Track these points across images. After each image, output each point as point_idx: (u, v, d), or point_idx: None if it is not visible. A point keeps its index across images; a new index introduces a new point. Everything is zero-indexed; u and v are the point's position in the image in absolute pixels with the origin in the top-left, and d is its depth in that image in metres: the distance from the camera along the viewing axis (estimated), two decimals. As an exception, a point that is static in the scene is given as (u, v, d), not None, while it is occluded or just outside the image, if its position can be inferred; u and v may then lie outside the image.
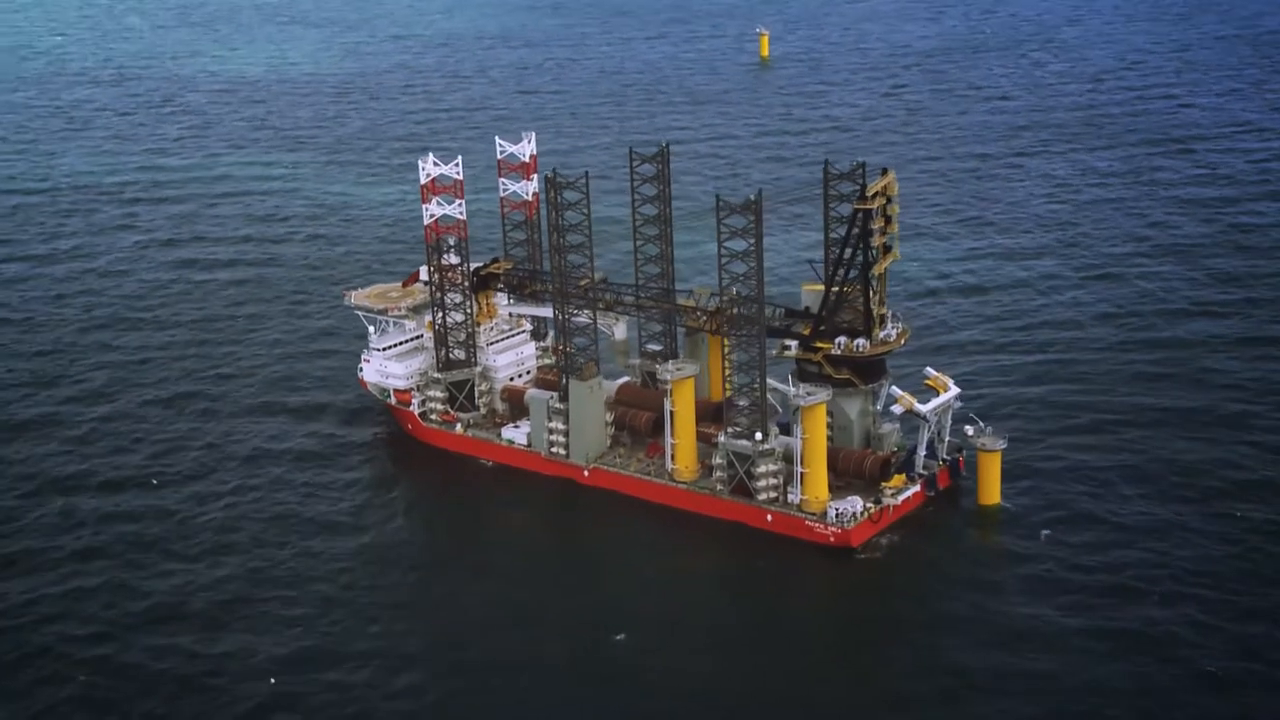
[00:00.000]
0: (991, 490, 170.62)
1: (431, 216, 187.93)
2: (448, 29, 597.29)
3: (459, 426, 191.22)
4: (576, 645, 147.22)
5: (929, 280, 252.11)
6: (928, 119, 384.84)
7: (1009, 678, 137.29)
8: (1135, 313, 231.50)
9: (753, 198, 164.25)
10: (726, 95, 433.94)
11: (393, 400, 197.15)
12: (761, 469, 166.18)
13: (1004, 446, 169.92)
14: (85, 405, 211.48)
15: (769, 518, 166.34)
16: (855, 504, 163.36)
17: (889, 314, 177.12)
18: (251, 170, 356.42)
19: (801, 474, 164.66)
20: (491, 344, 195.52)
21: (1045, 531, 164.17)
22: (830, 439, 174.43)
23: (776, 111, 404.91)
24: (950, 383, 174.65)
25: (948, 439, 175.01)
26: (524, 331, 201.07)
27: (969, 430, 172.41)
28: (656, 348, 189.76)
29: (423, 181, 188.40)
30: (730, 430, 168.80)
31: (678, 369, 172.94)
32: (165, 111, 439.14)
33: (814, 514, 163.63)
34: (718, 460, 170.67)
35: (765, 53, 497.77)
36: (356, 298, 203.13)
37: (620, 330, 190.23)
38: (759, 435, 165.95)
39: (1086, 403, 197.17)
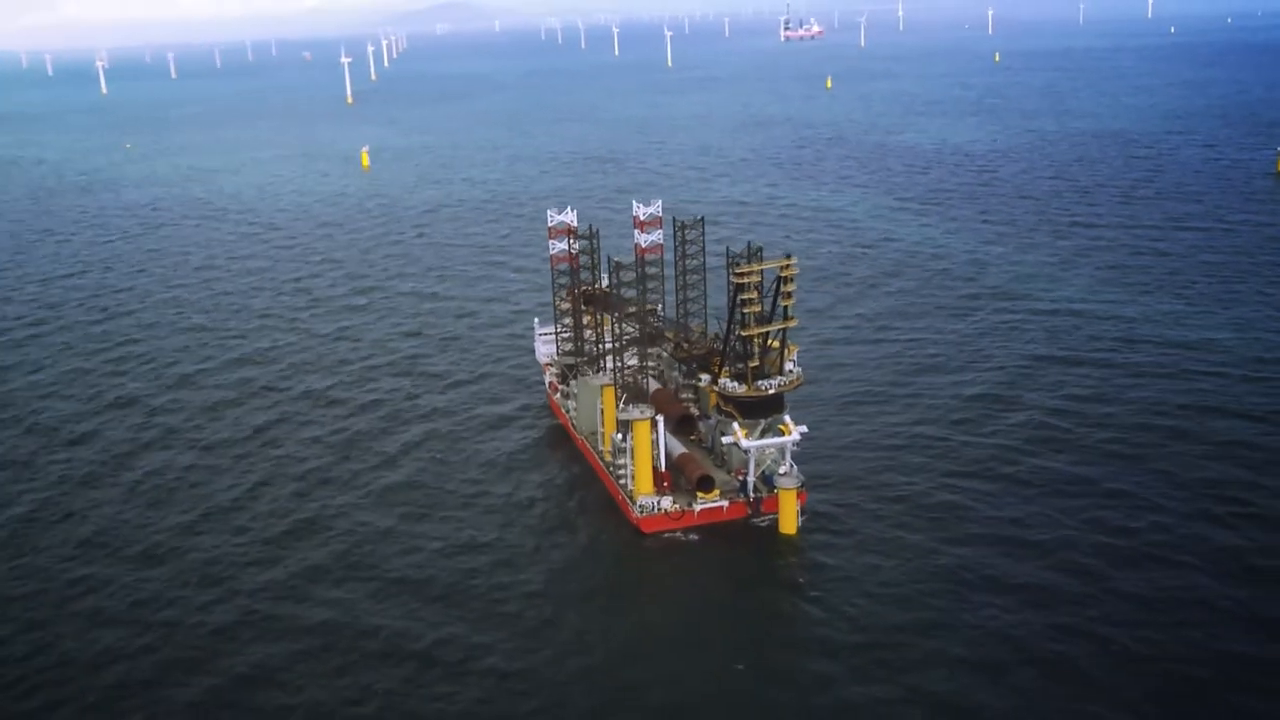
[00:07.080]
0: (788, 521, 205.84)
1: (554, 250, 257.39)
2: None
3: (558, 395, 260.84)
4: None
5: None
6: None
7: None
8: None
9: (613, 262, 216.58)
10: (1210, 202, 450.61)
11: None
12: (620, 461, 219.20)
13: (798, 486, 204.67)
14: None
15: (620, 497, 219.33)
16: (662, 502, 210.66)
17: (787, 365, 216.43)
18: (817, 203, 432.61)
19: (631, 471, 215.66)
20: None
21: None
22: (722, 456, 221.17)
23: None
24: (796, 431, 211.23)
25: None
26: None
27: (781, 469, 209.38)
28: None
29: (550, 224, 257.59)
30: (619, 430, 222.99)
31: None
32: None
33: (634, 503, 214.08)
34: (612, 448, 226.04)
35: None
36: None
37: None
38: (618, 436, 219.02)
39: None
